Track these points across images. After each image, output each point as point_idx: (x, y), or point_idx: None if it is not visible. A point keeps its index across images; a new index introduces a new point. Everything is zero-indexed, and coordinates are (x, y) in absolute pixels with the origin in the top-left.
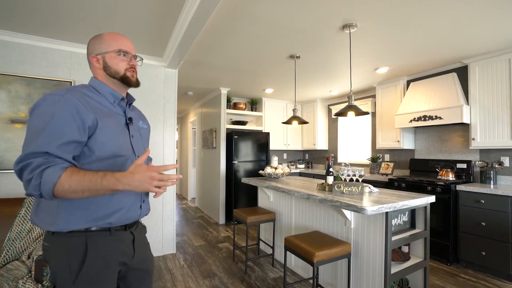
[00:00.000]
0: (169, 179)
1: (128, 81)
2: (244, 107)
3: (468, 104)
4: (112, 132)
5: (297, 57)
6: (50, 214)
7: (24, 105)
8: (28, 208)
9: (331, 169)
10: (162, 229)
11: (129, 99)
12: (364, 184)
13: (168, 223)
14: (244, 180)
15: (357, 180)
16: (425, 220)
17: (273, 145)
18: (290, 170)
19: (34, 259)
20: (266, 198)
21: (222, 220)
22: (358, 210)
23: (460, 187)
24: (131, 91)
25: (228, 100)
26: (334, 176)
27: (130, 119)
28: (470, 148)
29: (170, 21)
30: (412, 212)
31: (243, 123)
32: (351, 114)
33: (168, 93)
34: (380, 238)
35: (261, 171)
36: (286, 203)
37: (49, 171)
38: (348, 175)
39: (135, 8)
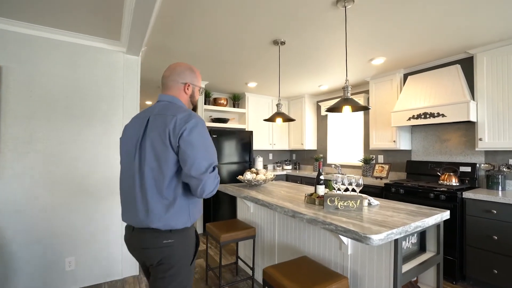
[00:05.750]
0: None
1: (194, 110)
2: (225, 103)
3: (474, 100)
4: None
5: (281, 42)
6: (185, 214)
7: None
8: None
9: (321, 177)
10: (122, 246)
11: None
12: (363, 195)
13: None
14: (220, 187)
15: (353, 190)
16: (438, 241)
17: (258, 144)
18: (274, 176)
19: None
20: (246, 209)
21: (199, 230)
22: (360, 239)
23: (467, 195)
24: (79, 85)
25: (207, 95)
26: (326, 183)
27: None
28: (476, 149)
29: None
30: (422, 231)
31: (224, 120)
32: (347, 109)
33: (128, 84)
34: (387, 270)
35: (240, 177)
36: (269, 216)
37: (218, 178)
38: (343, 184)
39: None
